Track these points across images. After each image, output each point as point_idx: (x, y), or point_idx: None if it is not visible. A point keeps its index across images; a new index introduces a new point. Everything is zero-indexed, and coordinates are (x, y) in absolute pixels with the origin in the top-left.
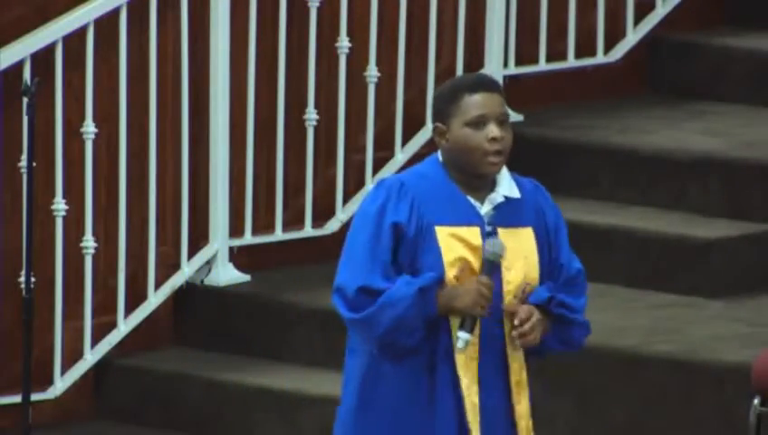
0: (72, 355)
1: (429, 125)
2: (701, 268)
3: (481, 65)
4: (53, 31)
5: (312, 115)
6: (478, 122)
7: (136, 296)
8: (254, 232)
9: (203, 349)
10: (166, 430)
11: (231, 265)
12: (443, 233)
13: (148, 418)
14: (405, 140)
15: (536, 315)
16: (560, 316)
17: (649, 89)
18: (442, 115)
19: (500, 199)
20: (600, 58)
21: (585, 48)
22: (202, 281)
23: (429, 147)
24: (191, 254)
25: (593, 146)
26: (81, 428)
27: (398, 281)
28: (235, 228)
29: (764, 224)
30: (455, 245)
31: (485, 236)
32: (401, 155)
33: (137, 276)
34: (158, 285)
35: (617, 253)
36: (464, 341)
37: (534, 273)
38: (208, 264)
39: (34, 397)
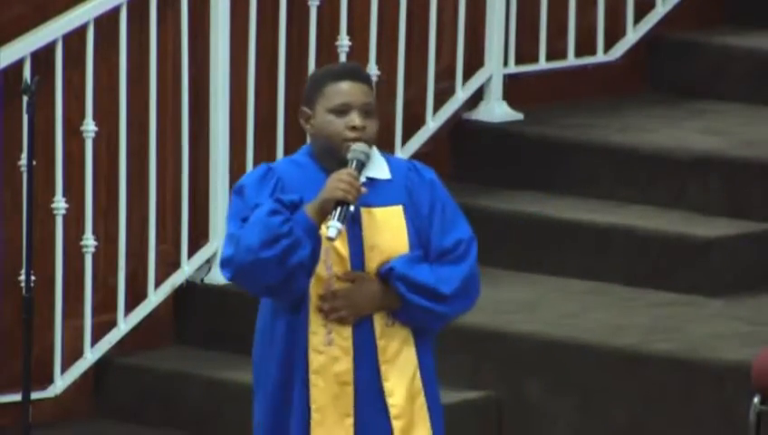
0: (72, 354)
1: (430, 124)
2: (701, 267)
3: (481, 64)
4: (53, 29)
5: None
6: (341, 110)
7: (136, 295)
8: None
9: (203, 347)
10: (166, 429)
11: None
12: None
13: (149, 416)
14: (405, 139)
15: (343, 292)
16: (399, 291)
17: (649, 87)
18: (309, 100)
19: (362, 180)
20: (600, 57)
21: (585, 47)
22: (202, 280)
23: (429, 145)
24: (191, 252)
25: (593, 144)
26: (82, 426)
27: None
28: None
29: (764, 223)
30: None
31: (350, 215)
32: (401, 154)
33: (137, 275)
34: (158, 284)
35: (617, 251)
36: (335, 229)
37: (403, 250)
38: (208, 262)
39: (34, 395)
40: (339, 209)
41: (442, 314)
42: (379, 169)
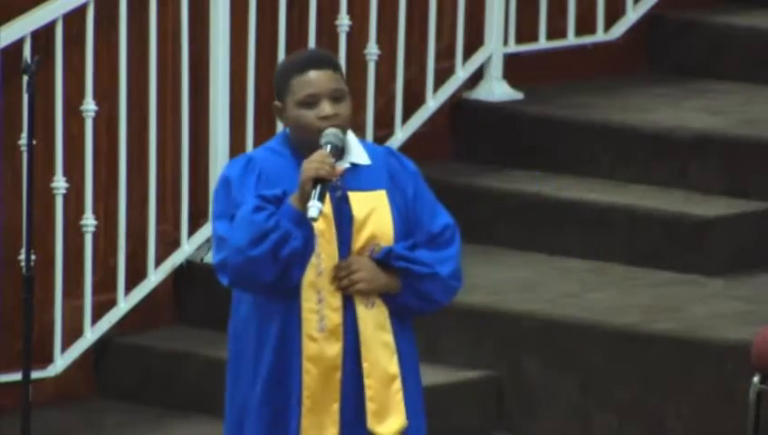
0: (73, 333)
1: (430, 103)
2: (701, 246)
3: (481, 43)
4: (53, 9)
5: None
6: (310, 102)
7: (136, 274)
8: None
9: (203, 327)
10: (166, 408)
11: None
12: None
13: (149, 396)
14: (405, 118)
15: (357, 264)
16: (404, 270)
17: (649, 67)
18: (278, 94)
19: (346, 165)
20: (601, 36)
21: (585, 26)
22: (202, 259)
23: (429, 125)
24: (191, 232)
25: (593, 124)
26: (82, 406)
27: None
28: None
29: (764, 202)
30: None
31: (334, 200)
32: (401, 133)
33: (137, 254)
34: (158, 263)
35: (617, 231)
36: (316, 208)
37: (388, 233)
38: (208, 242)
39: (34, 375)
40: (317, 188)
41: (445, 285)
42: (359, 154)
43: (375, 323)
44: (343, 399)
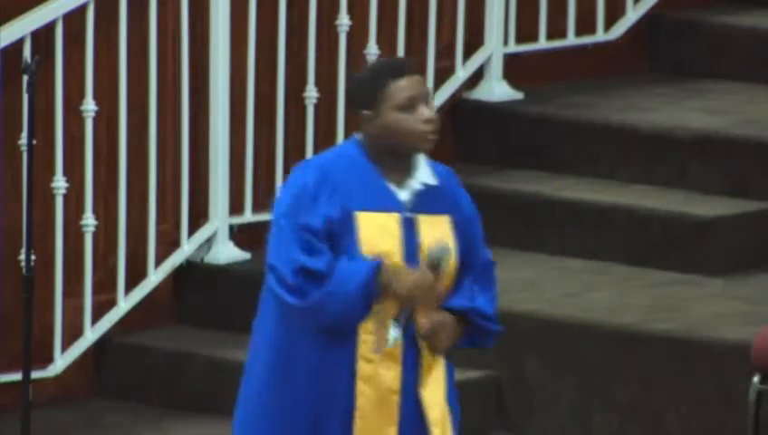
0: (72, 333)
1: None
2: (701, 246)
3: (481, 43)
4: (54, 9)
5: (311, 93)
6: (409, 105)
7: (136, 274)
8: (255, 210)
9: (203, 327)
10: (166, 408)
11: (231, 244)
12: (363, 218)
13: (149, 396)
14: None
15: (449, 329)
16: (476, 324)
17: (650, 67)
18: (368, 103)
19: (418, 186)
20: (601, 36)
21: (585, 26)
22: (202, 259)
23: None
24: (191, 232)
25: (593, 124)
26: (82, 405)
27: (338, 267)
28: (236, 206)
29: (764, 202)
30: (374, 231)
31: (404, 222)
32: None
33: (137, 254)
34: (158, 263)
35: (617, 231)
36: (393, 338)
37: (452, 262)
38: (208, 242)
39: (34, 375)
40: (404, 316)
41: (497, 336)
42: (428, 174)
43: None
44: (402, 424)
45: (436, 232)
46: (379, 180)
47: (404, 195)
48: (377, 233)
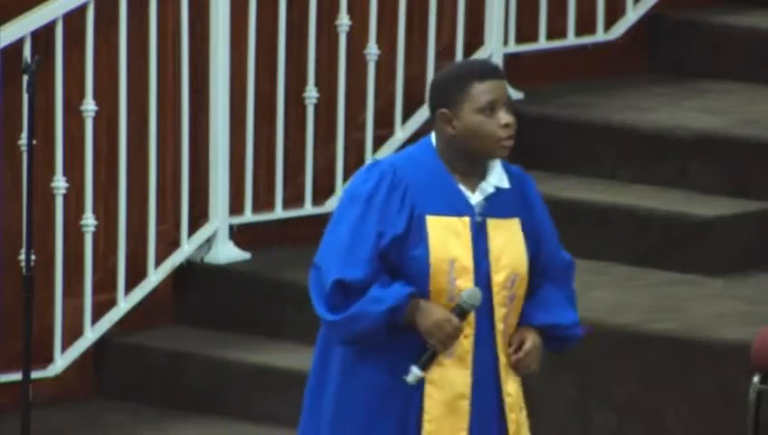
0: (72, 333)
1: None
2: (701, 246)
3: (481, 43)
4: (54, 9)
5: (311, 93)
6: (489, 108)
7: (136, 274)
8: (255, 210)
9: (203, 327)
10: (166, 408)
11: (231, 243)
12: (433, 223)
13: (149, 396)
14: (405, 118)
15: (529, 345)
16: (560, 337)
17: (650, 67)
18: (448, 102)
19: (491, 190)
20: (601, 36)
21: (585, 26)
22: (202, 259)
23: (429, 125)
24: (191, 232)
25: (594, 124)
26: (82, 405)
27: (371, 290)
28: (236, 206)
29: (764, 202)
30: (444, 235)
31: (474, 226)
32: (401, 133)
33: (137, 254)
34: (158, 263)
35: (617, 231)
36: (414, 376)
37: (523, 266)
38: (208, 242)
39: (35, 375)
40: (427, 355)
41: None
42: (501, 177)
43: (506, 353)
44: (472, 429)
45: (506, 236)
46: (451, 183)
47: (475, 198)
48: (446, 237)
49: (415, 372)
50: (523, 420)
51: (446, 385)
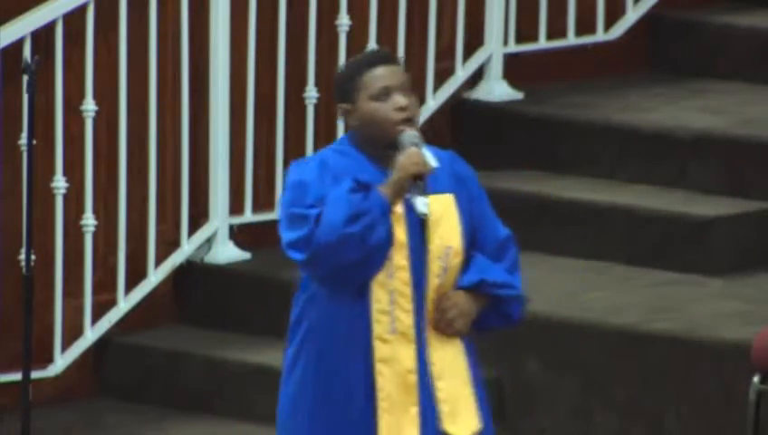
0: (72, 333)
1: (430, 103)
2: (701, 246)
3: (481, 43)
4: (54, 9)
5: (311, 93)
6: (383, 94)
7: (136, 274)
8: (255, 210)
9: (203, 327)
10: (166, 408)
11: (231, 243)
12: None
13: (149, 395)
14: None
15: (458, 307)
16: (494, 296)
17: (649, 67)
18: (346, 95)
19: (434, 164)
20: (600, 36)
21: (585, 26)
22: (202, 259)
23: (429, 125)
24: (191, 232)
25: (593, 124)
26: (82, 405)
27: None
28: (236, 206)
29: (764, 202)
30: None
31: (407, 202)
32: None
33: (137, 254)
34: (158, 263)
35: (617, 231)
36: (423, 203)
37: (457, 238)
38: (208, 242)
39: (34, 375)
40: (418, 184)
41: (522, 301)
42: (429, 157)
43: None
44: (422, 401)
45: (440, 210)
46: (377, 166)
47: None
48: None
49: (422, 200)
50: (466, 392)
51: (394, 361)
